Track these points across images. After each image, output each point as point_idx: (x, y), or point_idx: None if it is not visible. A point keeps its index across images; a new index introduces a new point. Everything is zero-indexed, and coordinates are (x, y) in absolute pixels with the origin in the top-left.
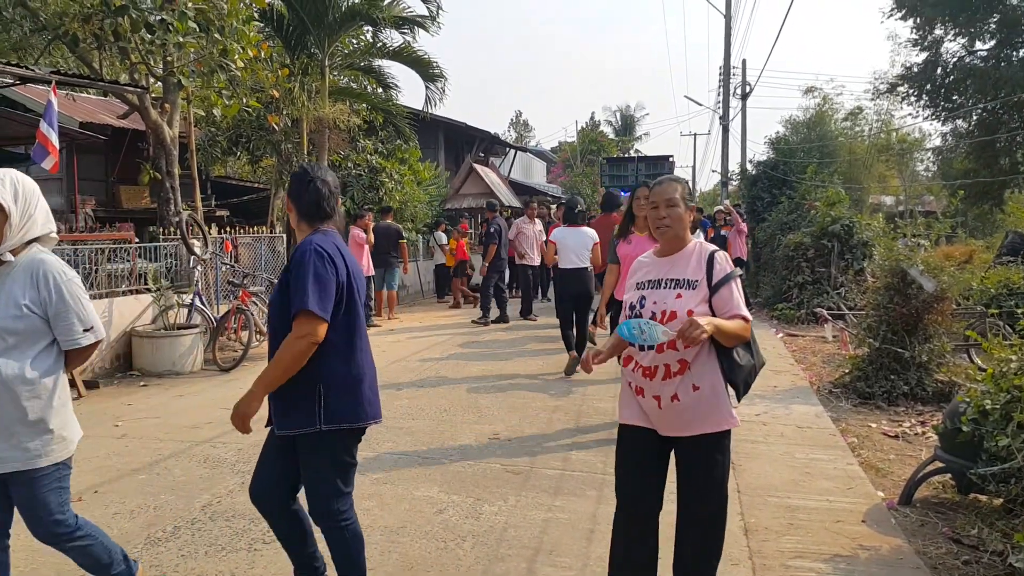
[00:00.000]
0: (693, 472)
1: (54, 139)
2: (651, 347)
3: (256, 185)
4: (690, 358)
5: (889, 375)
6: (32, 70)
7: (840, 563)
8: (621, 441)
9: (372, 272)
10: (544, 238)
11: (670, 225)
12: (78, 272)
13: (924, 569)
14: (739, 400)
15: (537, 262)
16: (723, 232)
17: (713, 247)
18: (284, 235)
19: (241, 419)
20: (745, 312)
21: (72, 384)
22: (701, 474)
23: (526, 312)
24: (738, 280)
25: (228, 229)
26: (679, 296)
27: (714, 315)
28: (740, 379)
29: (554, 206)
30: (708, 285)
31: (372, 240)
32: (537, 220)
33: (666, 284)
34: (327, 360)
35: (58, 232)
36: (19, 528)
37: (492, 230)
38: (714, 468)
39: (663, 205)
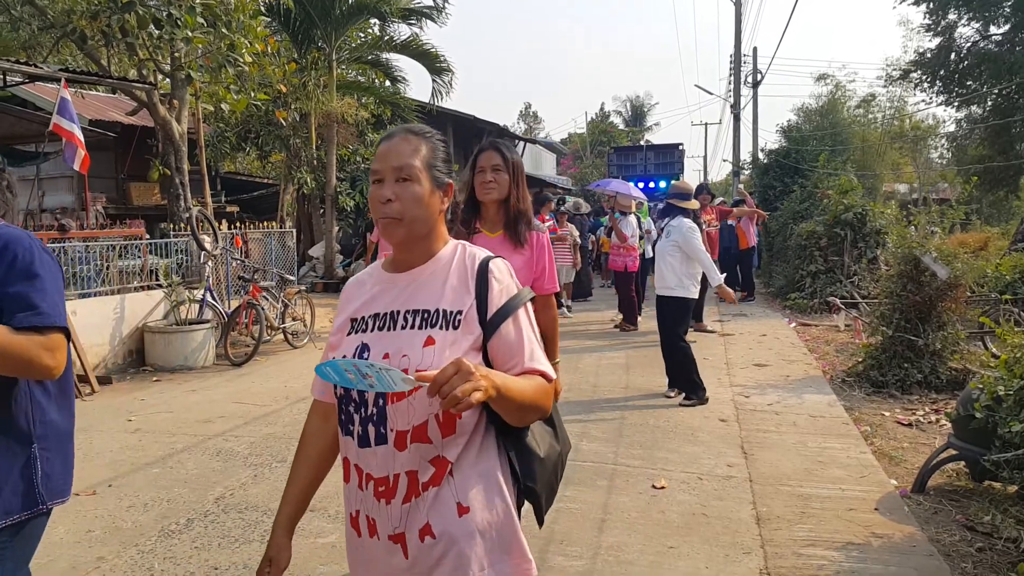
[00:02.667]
0: None
1: (78, 133)
2: (382, 428)
3: (265, 180)
4: (453, 455)
5: (902, 363)
6: (41, 68)
7: (853, 551)
8: None
9: None
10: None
11: (395, 215)
12: (90, 268)
13: (937, 556)
14: (540, 524)
15: None
16: (729, 221)
17: (486, 253)
18: (294, 230)
19: None
20: (545, 365)
21: (85, 380)
22: None
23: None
24: (529, 308)
25: (238, 224)
26: (430, 341)
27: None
28: (542, 483)
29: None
30: (480, 319)
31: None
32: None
33: (405, 320)
34: (41, 406)
35: (69, 229)
36: None
37: None
38: None
39: (389, 177)
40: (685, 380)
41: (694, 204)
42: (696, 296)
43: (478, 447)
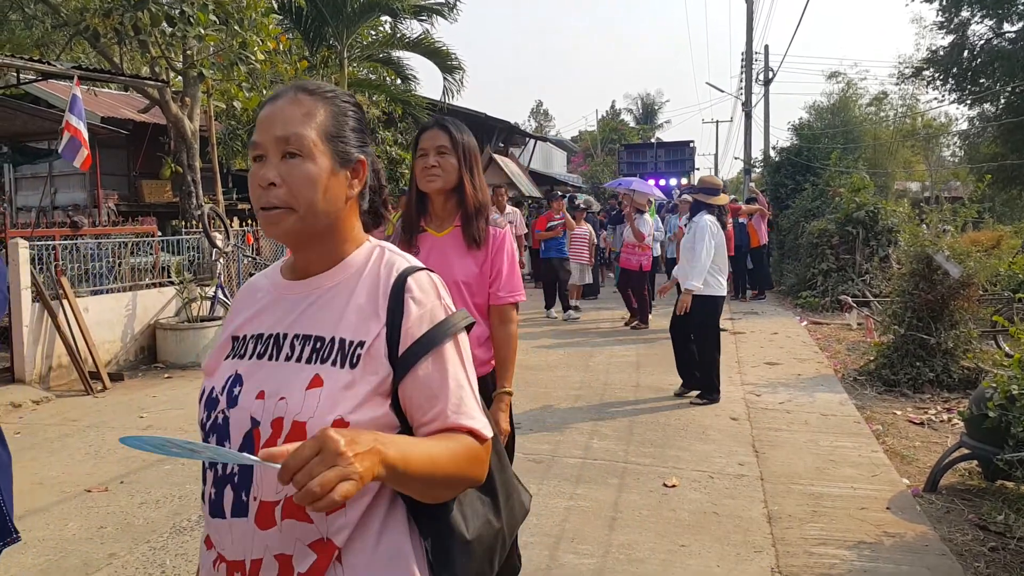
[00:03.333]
0: None
1: (84, 131)
2: (243, 494)
3: None
4: (342, 538)
5: (914, 362)
6: (54, 66)
7: (864, 550)
8: None
9: None
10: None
11: (280, 204)
12: (102, 265)
13: (950, 556)
14: None
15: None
16: (740, 219)
17: (408, 263)
18: None
19: None
20: (477, 420)
21: (97, 376)
22: None
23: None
24: (462, 340)
25: (249, 222)
26: (317, 382)
27: (406, 428)
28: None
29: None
30: (391, 354)
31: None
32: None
33: (292, 348)
34: None
35: (82, 226)
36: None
37: None
38: None
39: (272, 152)
40: (706, 380)
41: (722, 199)
42: (723, 293)
43: (380, 521)
